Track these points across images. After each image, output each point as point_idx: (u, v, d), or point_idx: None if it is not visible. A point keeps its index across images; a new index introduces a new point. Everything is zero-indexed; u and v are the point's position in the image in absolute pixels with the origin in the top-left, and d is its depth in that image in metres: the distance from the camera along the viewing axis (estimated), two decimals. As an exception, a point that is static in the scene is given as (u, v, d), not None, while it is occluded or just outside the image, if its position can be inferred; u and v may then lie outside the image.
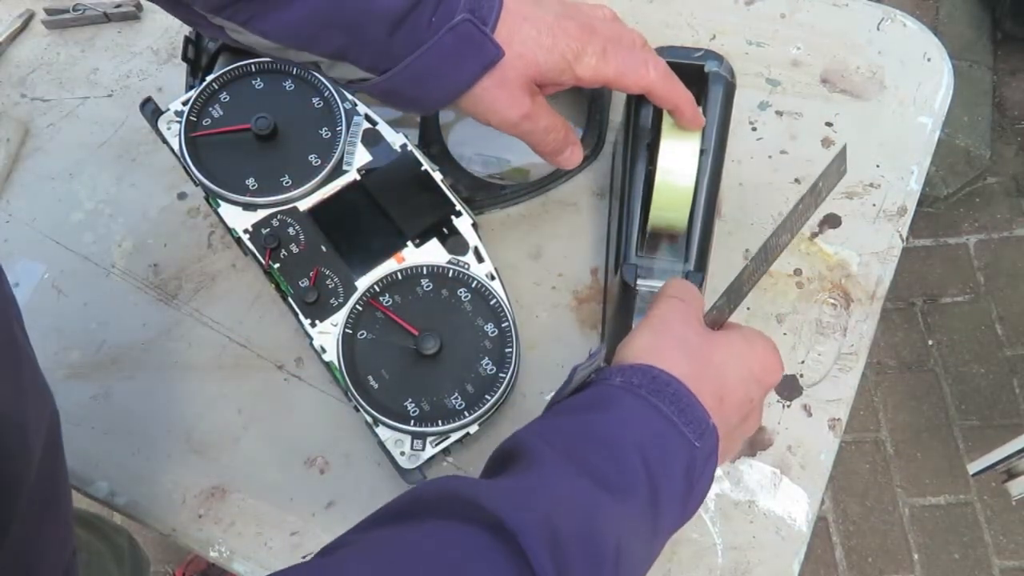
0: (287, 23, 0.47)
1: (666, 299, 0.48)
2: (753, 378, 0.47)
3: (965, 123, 1.76)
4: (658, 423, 0.42)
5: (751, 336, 0.48)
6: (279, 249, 0.62)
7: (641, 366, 0.44)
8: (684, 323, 0.47)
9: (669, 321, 0.47)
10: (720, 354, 0.46)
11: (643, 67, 0.51)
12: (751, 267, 0.47)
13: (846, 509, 1.57)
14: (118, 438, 0.65)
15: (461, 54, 0.48)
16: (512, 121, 0.52)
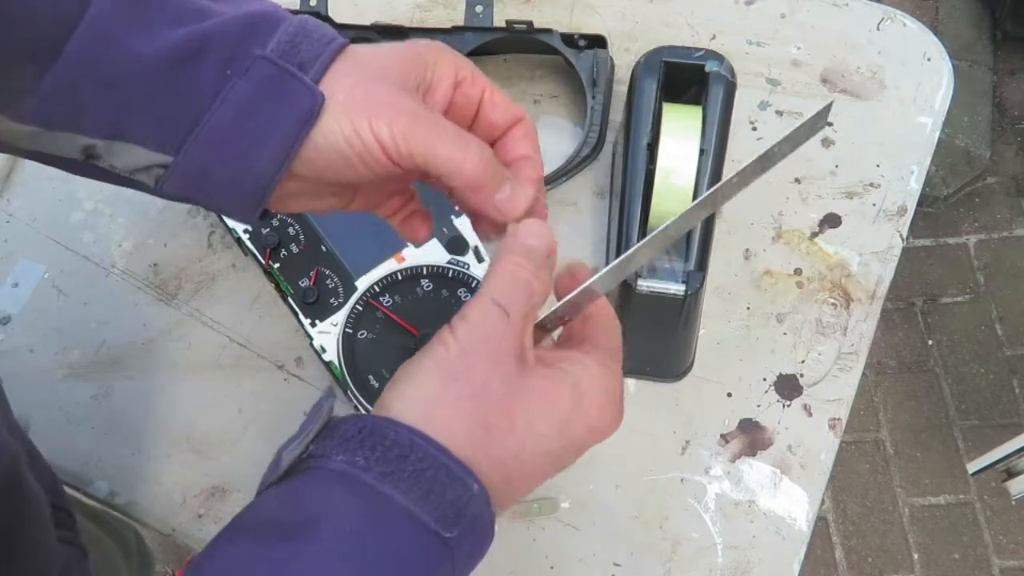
0: (43, 94, 0.36)
1: (484, 306, 0.36)
2: (573, 439, 0.36)
3: (965, 123, 1.76)
4: (389, 522, 0.32)
5: (587, 382, 0.37)
6: (279, 249, 0.62)
7: (380, 427, 0.34)
8: (492, 360, 0.35)
9: (471, 358, 0.35)
10: (531, 410, 0.35)
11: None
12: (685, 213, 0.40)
13: (846, 509, 1.57)
14: (118, 438, 0.65)
15: (263, 103, 0.36)
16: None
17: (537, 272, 0.38)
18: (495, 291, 0.36)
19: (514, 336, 0.36)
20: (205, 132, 0.36)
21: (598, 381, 0.37)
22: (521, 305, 0.37)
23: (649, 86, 0.58)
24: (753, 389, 0.64)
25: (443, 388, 0.34)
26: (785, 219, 0.69)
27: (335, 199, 0.44)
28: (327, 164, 0.38)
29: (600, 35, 0.70)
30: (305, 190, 0.41)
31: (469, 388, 0.34)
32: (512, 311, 0.36)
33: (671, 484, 0.62)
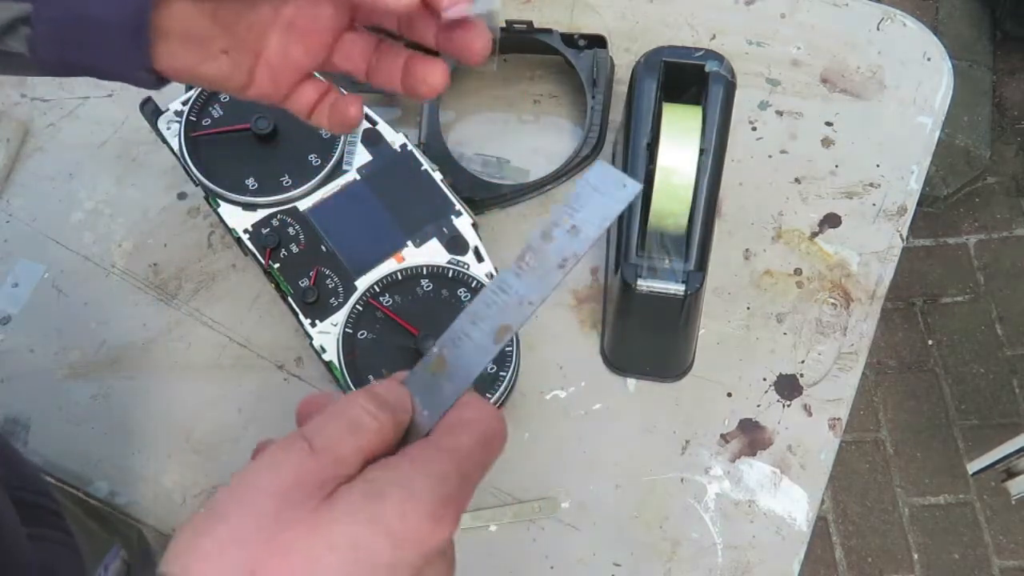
0: None
1: (287, 440, 0.30)
2: (370, 555, 0.28)
3: (965, 123, 1.76)
4: None
5: (390, 487, 0.29)
6: (279, 249, 0.62)
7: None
8: (271, 496, 0.28)
9: (244, 496, 0.29)
10: (318, 541, 0.28)
11: None
12: None
13: (846, 509, 1.57)
14: (118, 438, 0.65)
15: None
16: None
17: (379, 411, 0.31)
18: (313, 424, 0.31)
19: (315, 469, 0.29)
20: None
21: (405, 483, 0.29)
22: (337, 439, 0.30)
23: (649, 86, 0.58)
24: (753, 389, 0.64)
25: (205, 534, 0.28)
26: (785, 219, 0.69)
27: (229, 57, 0.38)
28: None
29: (600, 35, 0.70)
30: (190, 28, 0.36)
31: (230, 532, 0.28)
32: (319, 444, 0.29)
33: (671, 484, 0.62)
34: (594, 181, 0.34)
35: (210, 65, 0.37)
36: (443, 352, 0.34)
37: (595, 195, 0.34)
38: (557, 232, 0.34)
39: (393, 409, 0.32)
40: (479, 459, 0.32)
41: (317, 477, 0.29)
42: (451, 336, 0.34)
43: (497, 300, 0.34)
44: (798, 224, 0.69)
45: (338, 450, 0.30)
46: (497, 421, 0.33)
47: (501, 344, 0.34)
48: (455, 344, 0.34)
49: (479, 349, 0.34)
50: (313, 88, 0.41)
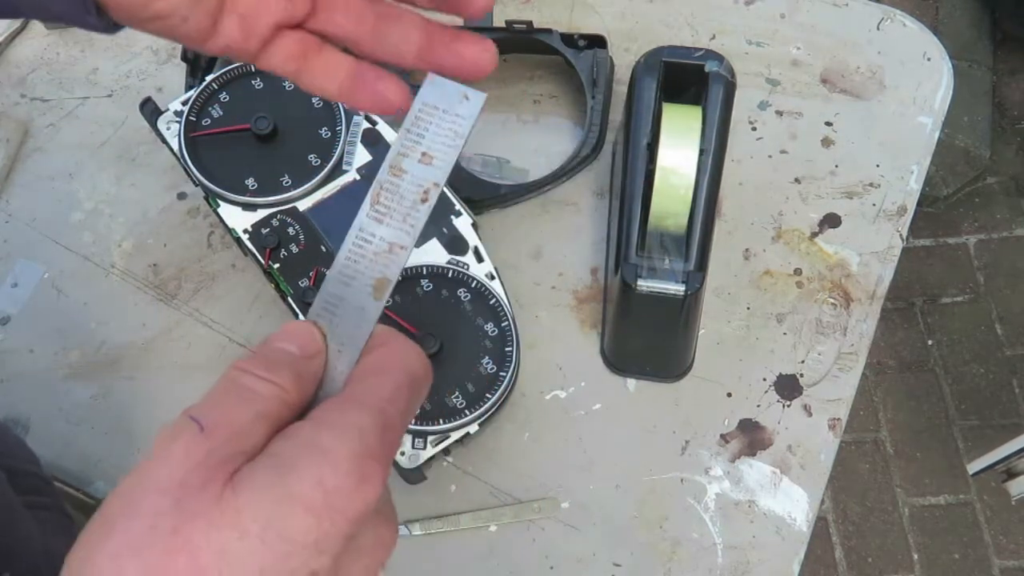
0: None
1: (175, 424, 0.28)
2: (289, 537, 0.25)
3: (965, 123, 1.76)
4: None
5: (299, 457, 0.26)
6: (279, 249, 0.62)
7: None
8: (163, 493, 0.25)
9: (136, 497, 0.25)
10: (222, 534, 0.25)
11: None
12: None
13: (846, 509, 1.57)
14: (118, 438, 0.65)
15: None
16: None
17: (271, 373, 0.28)
18: (200, 403, 0.28)
19: (210, 450, 0.26)
20: None
21: (316, 446, 0.26)
22: (228, 411, 0.27)
23: (649, 86, 0.58)
24: (753, 389, 0.64)
25: (97, 549, 0.25)
26: (785, 219, 0.69)
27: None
28: None
29: (600, 35, 0.70)
30: None
31: (124, 541, 0.24)
32: (210, 421, 0.27)
33: (671, 484, 0.62)
34: (432, 99, 0.31)
35: (164, 4, 0.31)
36: (318, 324, 0.30)
37: (438, 113, 0.31)
38: (407, 163, 0.31)
39: (291, 364, 0.29)
40: (402, 406, 0.28)
41: (213, 459, 0.26)
42: (323, 304, 0.30)
43: (363, 252, 0.30)
44: (798, 224, 0.69)
45: (232, 423, 0.27)
46: (416, 358, 0.30)
47: (383, 300, 0.30)
48: (330, 311, 0.30)
49: (359, 312, 0.30)
50: (295, 42, 0.34)
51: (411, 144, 0.31)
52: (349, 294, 0.30)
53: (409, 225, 0.30)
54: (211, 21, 0.32)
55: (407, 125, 0.31)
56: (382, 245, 0.30)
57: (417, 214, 0.30)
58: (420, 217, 0.30)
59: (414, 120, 0.31)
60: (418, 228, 0.30)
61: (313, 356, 0.30)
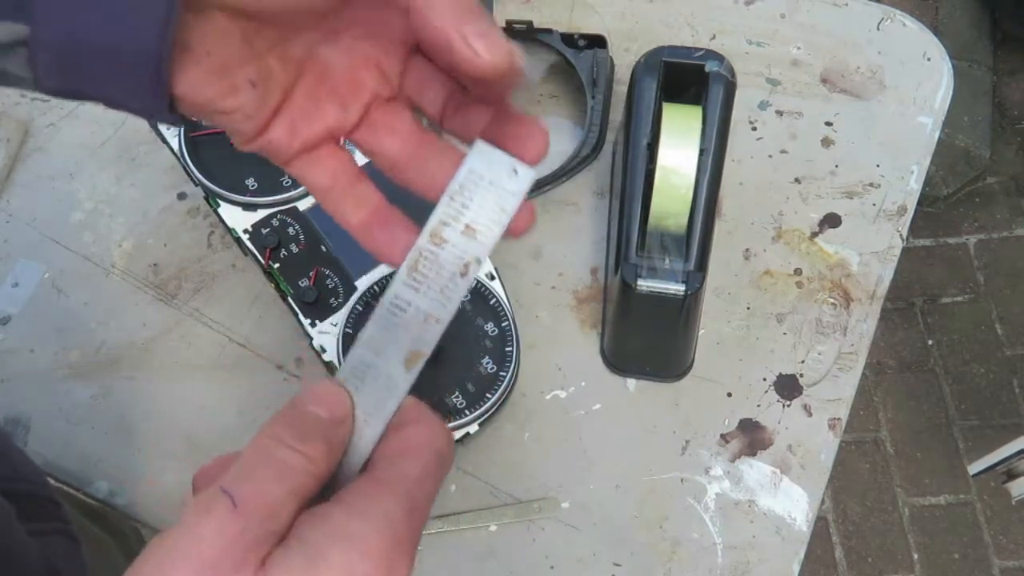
0: None
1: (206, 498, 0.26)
2: None
3: (965, 123, 1.76)
4: None
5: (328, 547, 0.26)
6: (279, 249, 0.62)
7: None
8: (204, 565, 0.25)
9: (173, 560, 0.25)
10: None
11: None
12: None
13: (846, 509, 1.57)
14: (118, 438, 0.65)
15: None
16: None
17: (304, 444, 0.28)
18: (231, 474, 0.27)
19: (243, 531, 0.26)
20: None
21: (347, 536, 0.26)
22: (263, 489, 0.26)
23: (649, 86, 0.58)
24: (753, 389, 0.64)
25: None
26: (785, 219, 0.69)
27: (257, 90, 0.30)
28: None
29: (600, 35, 0.70)
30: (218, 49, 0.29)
31: None
32: (243, 498, 0.26)
33: (671, 484, 0.62)
34: (480, 168, 0.30)
35: (235, 98, 0.30)
36: (346, 387, 0.29)
37: (484, 184, 0.30)
38: (449, 233, 0.29)
39: (322, 432, 0.28)
40: (429, 488, 0.28)
41: (246, 538, 0.25)
42: (352, 368, 0.29)
43: (397, 321, 0.29)
44: (798, 224, 0.69)
45: (266, 503, 0.26)
46: (444, 439, 0.29)
47: (414, 374, 0.29)
48: (360, 379, 0.29)
49: (388, 382, 0.29)
50: (336, 161, 0.34)
51: (455, 213, 0.30)
52: (379, 362, 0.29)
53: (446, 298, 0.29)
54: (267, 120, 0.31)
55: (451, 191, 0.30)
56: (417, 316, 0.29)
57: (455, 288, 0.29)
58: (458, 291, 0.29)
59: (459, 187, 0.30)
60: (455, 302, 0.29)
61: (342, 422, 0.29)
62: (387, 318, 0.29)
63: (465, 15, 0.27)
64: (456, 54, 0.27)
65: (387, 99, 0.33)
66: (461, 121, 0.32)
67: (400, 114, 0.33)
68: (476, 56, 0.27)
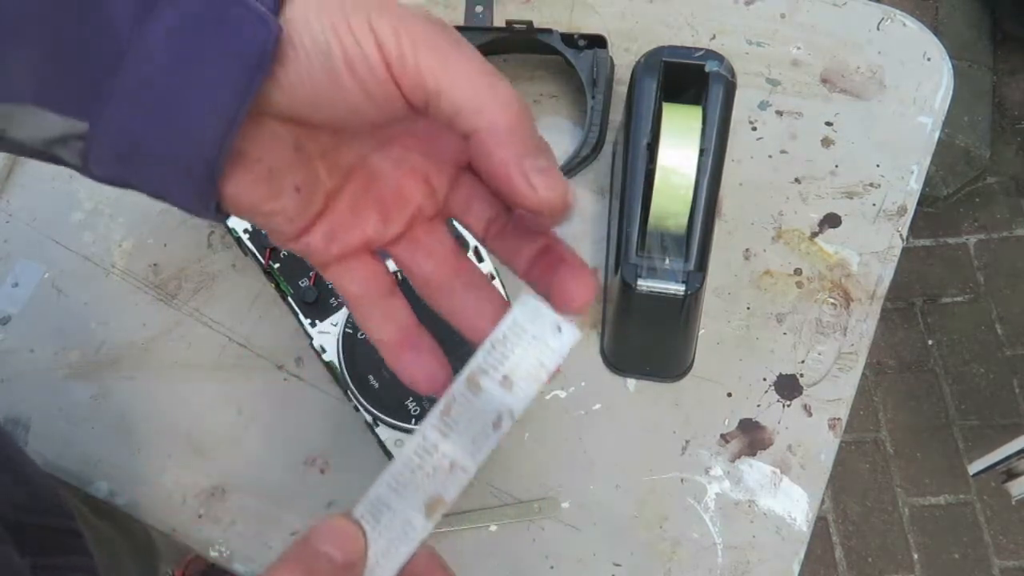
0: None
1: None
2: None
3: (965, 123, 1.76)
4: None
5: None
6: (279, 249, 0.62)
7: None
8: None
9: None
10: None
11: None
12: None
13: (846, 509, 1.57)
14: (118, 438, 0.65)
15: (197, 41, 0.26)
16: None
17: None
18: None
19: None
20: (121, 86, 0.26)
21: None
22: None
23: (649, 86, 0.58)
24: (753, 389, 0.64)
25: None
26: (785, 219, 0.69)
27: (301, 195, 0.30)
28: (300, 81, 0.27)
29: (600, 35, 0.70)
30: (268, 156, 0.29)
31: None
32: None
33: (671, 484, 0.62)
34: (524, 321, 0.29)
35: (278, 202, 0.30)
36: (362, 524, 0.28)
37: (527, 337, 0.29)
38: (486, 382, 0.29)
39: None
40: None
41: None
42: (369, 505, 0.28)
43: (423, 463, 0.28)
44: (798, 224, 0.69)
45: None
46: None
47: (433, 521, 0.28)
48: (375, 517, 0.28)
49: (405, 526, 0.28)
50: (367, 269, 0.33)
51: (494, 362, 0.29)
52: (399, 504, 0.28)
53: (476, 448, 0.29)
54: (308, 225, 0.31)
55: (493, 340, 0.30)
56: (443, 461, 0.29)
57: (486, 440, 0.29)
58: (489, 443, 0.29)
59: (502, 337, 0.30)
60: (484, 454, 0.29)
61: (354, 565, 0.29)
62: (412, 459, 0.29)
63: (528, 150, 0.27)
64: (514, 188, 0.27)
65: (430, 217, 0.33)
66: (505, 245, 0.32)
67: (441, 236, 0.33)
68: (534, 193, 0.27)
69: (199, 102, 0.26)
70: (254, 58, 0.26)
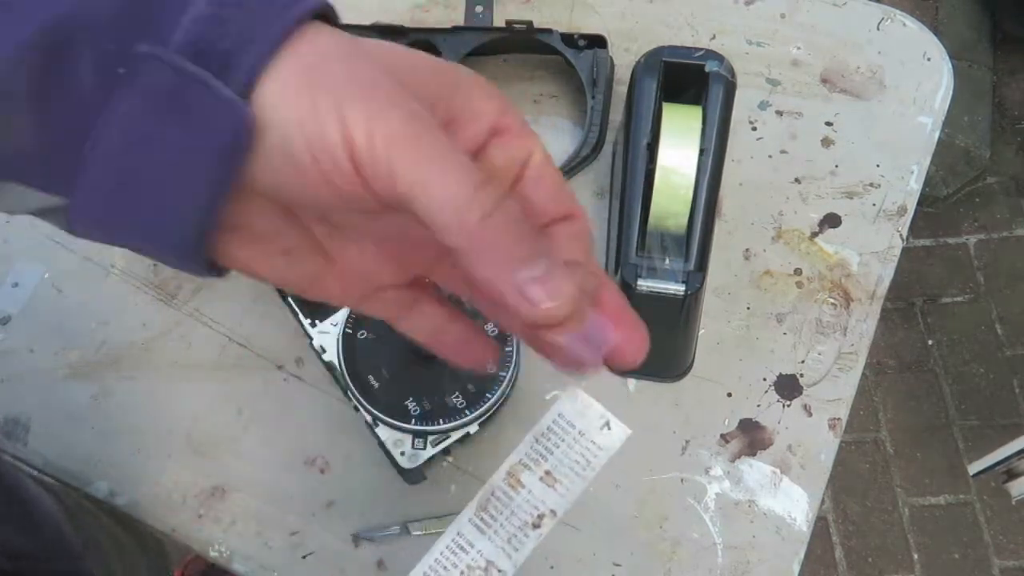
0: None
1: None
2: None
3: (965, 123, 1.76)
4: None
5: None
6: (279, 249, 0.62)
7: None
8: None
9: None
10: None
11: None
12: None
13: (846, 509, 1.57)
14: (118, 438, 0.65)
15: (162, 127, 0.24)
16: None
17: None
18: None
19: None
20: (93, 166, 0.24)
21: None
22: None
23: (649, 86, 0.58)
24: (753, 389, 0.64)
25: None
26: (785, 219, 0.69)
27: (289, 258, 0.29)
28: (269, 167, 0.25)
29: (600, 35, 0.70)
30: (255, 223, 0.28)
31: None
32: None
33: (671, 484, 0.62)
34: (569, 415, 0.27)
35: (266, 264, 0.28)
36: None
37: (573, 432, 0.27)
38: (527, 477, 0.26)
39: None
40: None
41: None
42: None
43: (457, 560, 0.26)
44: (798, 224, 0.69)
45: None
46: None
47: None
48: None
49: None
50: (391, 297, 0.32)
51: (536, 456, 0.27)
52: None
53: (513, 548, 0.27)
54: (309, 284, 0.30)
55: (536, 433, 0.28)
56: (479, 560, 0.27)
57: (525, 539, 0.27)
58: (527, 544, 0.27)
59: (545, 430, 0.28)
60: (523, 555, 0.27)
61: None
62: (446, 554, 0.27)
63: (519, 258, 0.24)
64: (510, 307, 0.24)
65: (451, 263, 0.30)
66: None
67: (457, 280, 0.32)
68: (533, 308, 0.24)
69: (170, 188, 0.25)
70: (225, 150, 0.24)
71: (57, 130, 0.24)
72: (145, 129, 0.24)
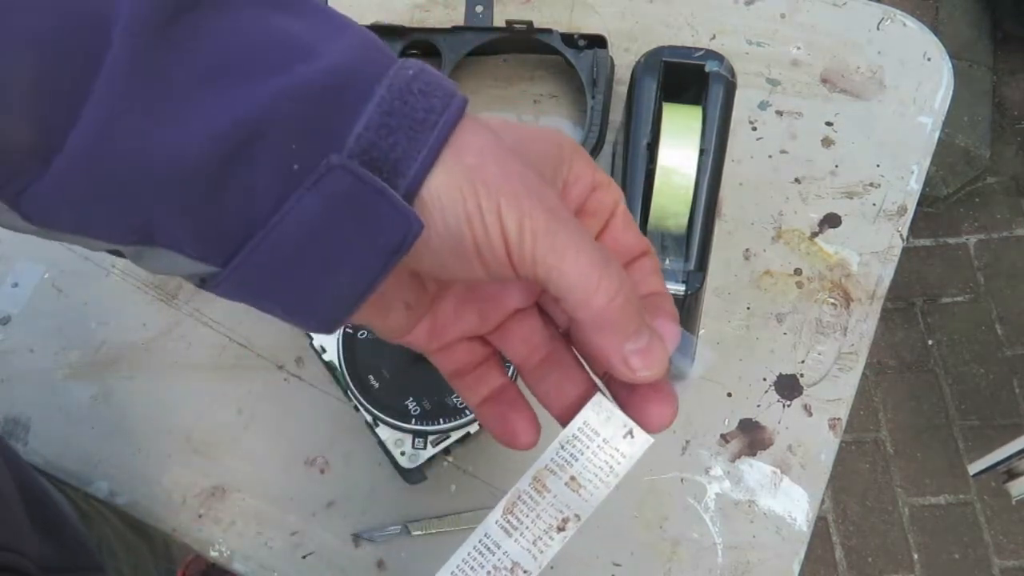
0: (48, 193, 0.25)
1: None
2: None
3: (965, 123, 1.77)
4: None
5: None
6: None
7: None
8: None
9: None
10: None
11: None
12: None
13: (846, 509, 1.57)
14: (118, 438, 0.65)
15: (338, 227, 0.27)
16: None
17: None
18: None
19: None
20: (260, 252, 0.27)
21: None
22: None
23: (649, 86, 0.58)
24: (753, 389, 0.64)
25: None
26: (785, 219, 0.69)
27: (409, 312, 0.33)
28: (428, 253, 0.28)
29: (600, 35, 0.70)
30: (388, 289, 0.30)
31: None
32: None
33: (671, 484, 0.62)
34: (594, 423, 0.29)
35: (388, 317, 0.32)
36: None
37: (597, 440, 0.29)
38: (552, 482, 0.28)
39: None
40: None
41: None
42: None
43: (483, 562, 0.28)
44: (798, 224, 0.69)
45: None
46: None
47: None
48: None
49: None
50: (467, 352, 0.35)
51: (562, 462, 0.29)
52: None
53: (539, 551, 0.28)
54: (409, 330, 0.33)
55: (562, 440, 0.29)
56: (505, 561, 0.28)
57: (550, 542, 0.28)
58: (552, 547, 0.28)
59: (571, 438, 0.29)
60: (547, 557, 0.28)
61: None
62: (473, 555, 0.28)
63: (628, 334, 0.29)
64: (614, 370, 0.29)
65: (524, 310, 0.35)
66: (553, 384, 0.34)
67: (533, 325, 0.35)
68: (632, 373, 0.29)
69: (330, 282, 0.28)
70: (392, 248, 0.27)
71: (227, 216, 0.26)
72: (321, 226, 0.27)
